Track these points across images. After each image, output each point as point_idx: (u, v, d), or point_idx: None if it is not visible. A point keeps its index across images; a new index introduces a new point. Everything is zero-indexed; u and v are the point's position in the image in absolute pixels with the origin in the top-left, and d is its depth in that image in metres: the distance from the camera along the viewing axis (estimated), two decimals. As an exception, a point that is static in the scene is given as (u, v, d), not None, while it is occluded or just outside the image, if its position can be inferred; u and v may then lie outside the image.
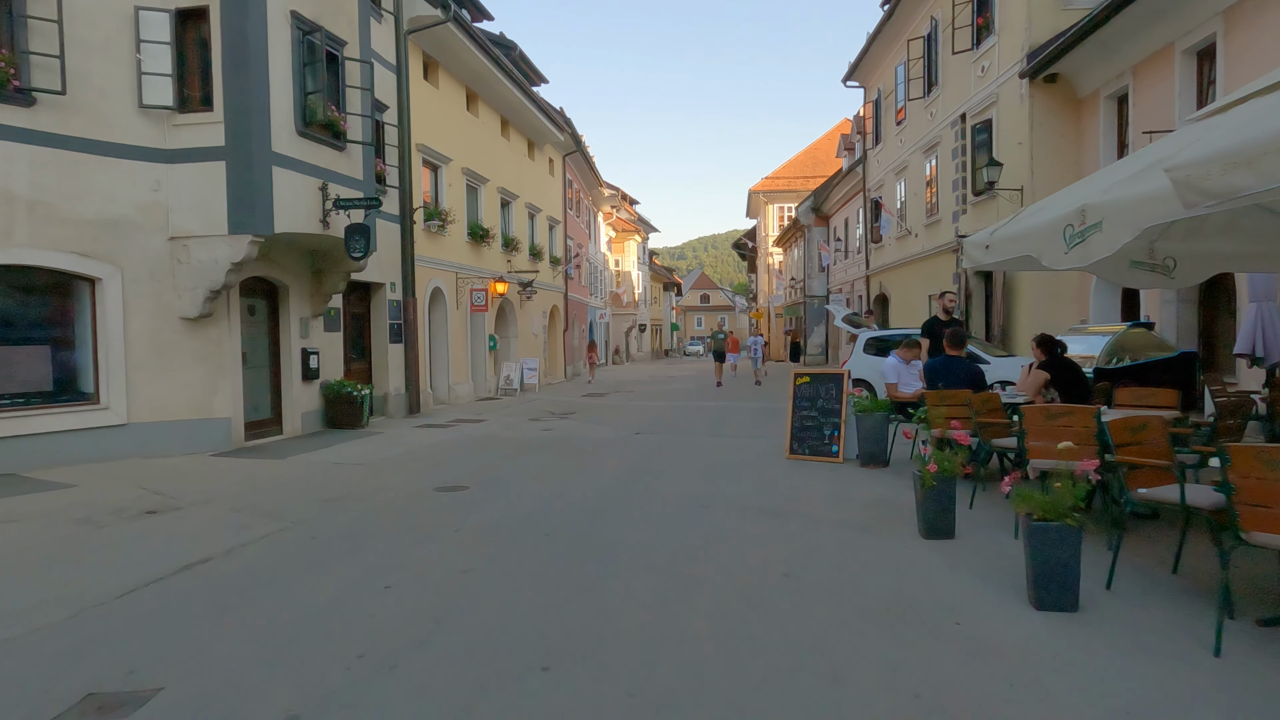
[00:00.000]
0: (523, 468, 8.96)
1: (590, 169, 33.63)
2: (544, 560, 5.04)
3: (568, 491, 7.45)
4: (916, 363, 8.37)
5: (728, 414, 14.98)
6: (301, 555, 5.36)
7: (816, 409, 8.80)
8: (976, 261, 6.94)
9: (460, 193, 18.43)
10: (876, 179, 25.46)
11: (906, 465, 8.34)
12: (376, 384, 14.80)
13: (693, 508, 6.57)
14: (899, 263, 22.97)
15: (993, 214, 15.74)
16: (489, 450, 10.52)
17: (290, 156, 10.01)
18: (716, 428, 12.75)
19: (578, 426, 13.25)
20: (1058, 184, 14.18)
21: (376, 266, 14.34)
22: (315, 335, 12.29)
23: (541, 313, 25.51)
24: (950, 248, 18.34)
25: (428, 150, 16.54)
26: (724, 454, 9.68)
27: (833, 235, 33.89)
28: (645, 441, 11.07)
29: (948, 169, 18.53)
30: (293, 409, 11.73)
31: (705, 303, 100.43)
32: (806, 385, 8.96)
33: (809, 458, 8.76)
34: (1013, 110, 14.99)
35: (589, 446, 10.66)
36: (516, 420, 14.42)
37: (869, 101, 26.17)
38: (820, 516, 6.12)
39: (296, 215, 10.17)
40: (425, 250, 16.42)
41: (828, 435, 8.67)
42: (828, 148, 47.66)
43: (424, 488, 7.85)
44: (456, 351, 18.09)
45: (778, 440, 10.53)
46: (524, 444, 11.06)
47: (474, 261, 19.16)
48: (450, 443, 11.26)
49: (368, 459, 9.76)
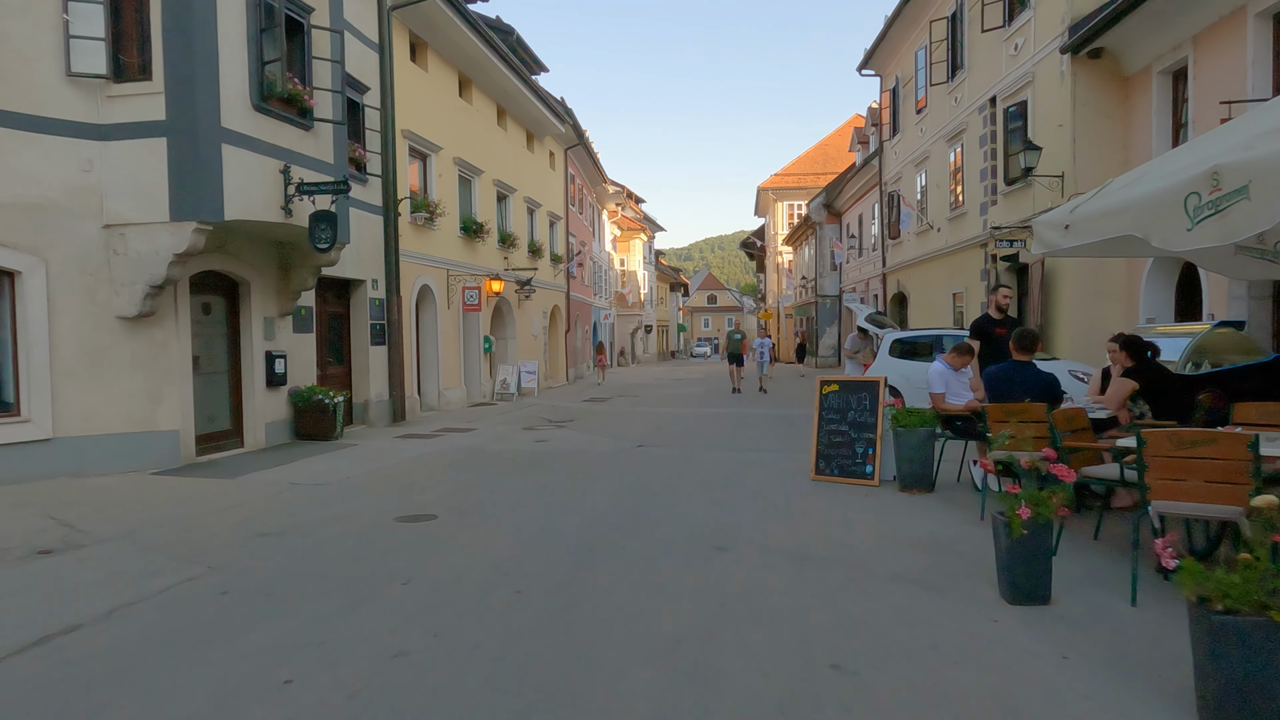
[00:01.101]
0: (505, 491, 7.72)
1: (594, 164, 32.42)
2: (506, 638, 3.79)
3: (553, 524, 6.21)
4: (967, 370, 7.09)
5: (739, 423, 13.71)
6: (196, 622, 4.13)
7: (847, 422, 7.54)
8: (1051, 246, 5.67)
9: (451, 184, 17.22)
10: (894, 171, 24.16)
11: (955, 490, 7.07)
12: (356, 390, 13.59)
13: (704, 550, 5.31)
14: (919, 259, 21.66)
15: (1028, 204, 14.44)
16: (471, 467, 9.29)
17: (244, 134, 8.80)
18: (728, 439, 11.48)
19: (575, 437, 12.01)
20: (1103, 169, 12.87)
21: (355, 261, 13.13)
22: (282, 337, 11.08)
23: (542, 313, 24.29)
24: (978, 242, 17.05)
25: (415, 137, 15.33)
26: (738, 473, 8.42)
27: (846, 232, 32.59)
28: (649, 456, 9.82)
29: (975, 158, 17.23)
30: (255, 419, 10.52)
31: (712, 303, 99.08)
32: (835, 395, 7.70)
33: (838, 479, 7.49)
34: (1051, 90, 13.69)
35: (585, 462, 9.41)
36: (509, 429, 13.19)
37: (886, 90, 24.88)
38: (866, 565, 4.85)
39: (252, 200, 8.96)
40: (412, 245, 15.21)
41: (860, 453, 7.40)
42: (838, 143, 46.35)
43: (385, 517, 6.62)
44: (447, 354, 16.88)
45: (799, 455, 9.27)
46: (512, 459, 9.82)
47: (467, 258, 17.95)
48: (430, 457, 10.03)
49: (331, 477, 8.53)
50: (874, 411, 7.38)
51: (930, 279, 20.86)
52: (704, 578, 4.66)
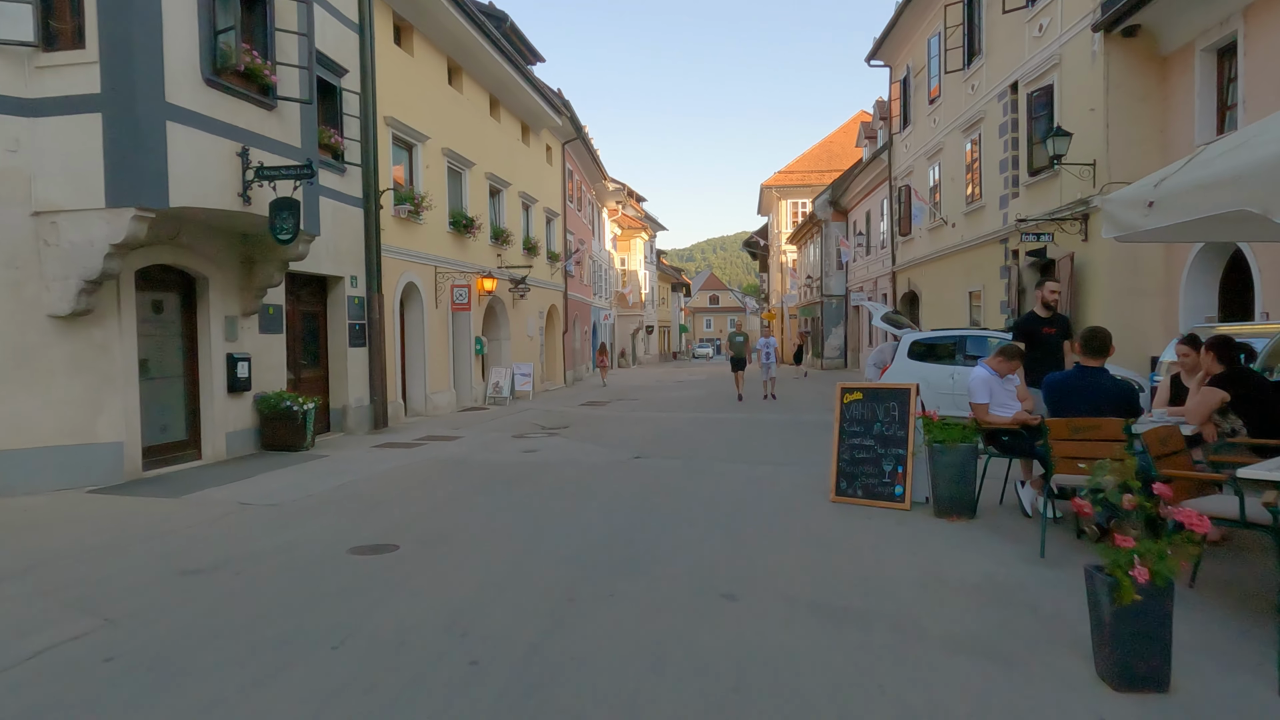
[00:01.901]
0: (482, 513, 6.76)
1: (593, 160, 31.48)
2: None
3: (530, 560, 5.25)
4: (1014, 377, 6.12)
5: (745, 430, 12.74)
6: (55, 704, 3.18)
7: (873, 436, 6.57)
8: (1128, 228, 4.70)
9: (440, 176, 16.27)
10: (904, 165, 23.19)
11: (1001, 516, 6.10)
12: (334, 395, 12.64)
13: (710, 598, 4.35)
14: (932, 257, 20.69)
15: (1054, 195, 13.48)
16: (449, 481, 8.33)
17: (192, 110, 7.86)
18: (734, 449, 10.51)
19: (567, 446, 11.05)
20: (1140, 156, 11.90)
21: (332, 256, 12.19)
22: (247, 338, 10.13)
23: (538, 313, 23.35)
24: (998, 237, 16.09)
25: (399, 125, 14.39)
26: (747, 491, 7.45)
27: (853, 230, 31.62)
28: (647, 470, 8.86)
29: (993, 148, 16.27)
30: (215, 428, 9.57)
31: (714, 304, 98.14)
32: (858, 404, 6.72)
33: (863, 501, 6.52)
34: (1081, 72, 12.72)
35: (575, 477, 8.44)
36: (498, 437, 12.24)
37: (895, 81, 23.91)
38: (913, 622, 3.89)
39: (203, 186, 8.02)
40: (396, 240, 14.26)
41: (889, 472, 6.43)
42: (843, 140, 45.39)
43: (337, 547, 5.67)
44: (435, 356, 15.93)
45: (814, 470, 8.31)
46: (495, 473, 8.87)
47: (457, 254, 17.00)
48: (406, 471, 9.08)
49: (289, 496, 7.58)
50: (904, 424, 6.41)
51: (944, 277, 19.89)
52: (712, 642, 3.70)
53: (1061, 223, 12.72)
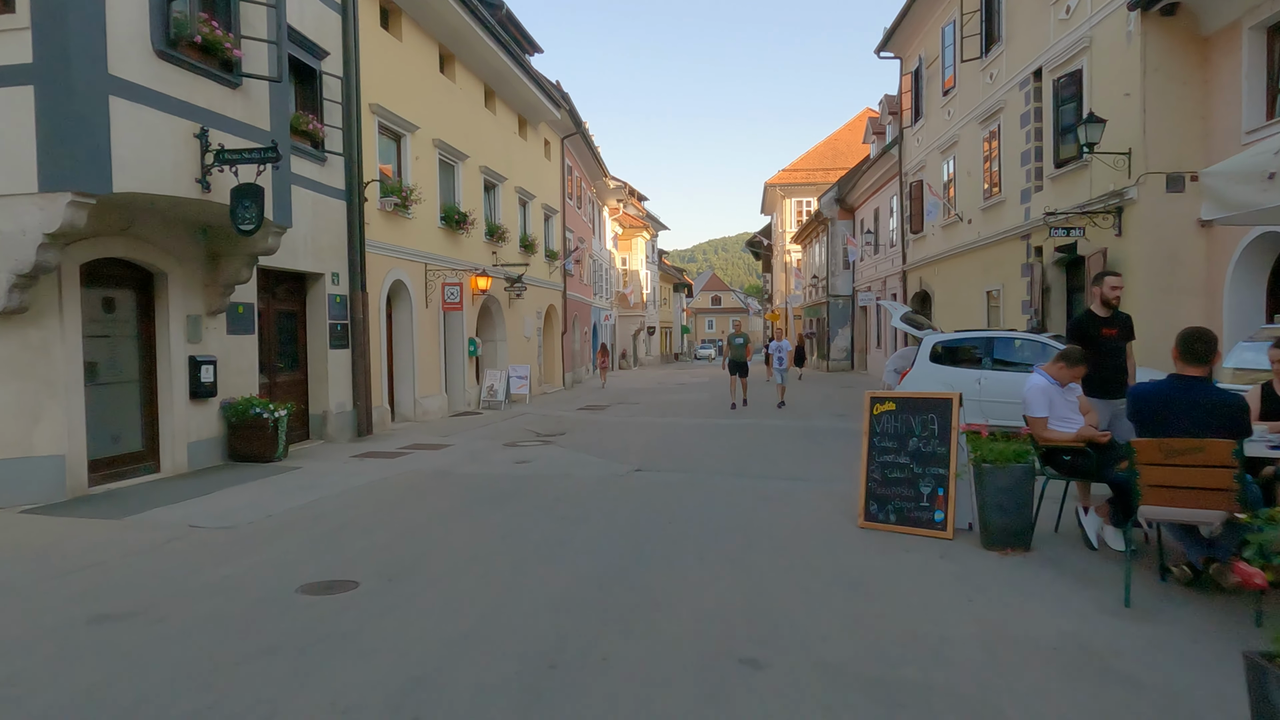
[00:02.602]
0: (458, 540, 5.92)
1: (593, 156, 30.63)
2: None
3: (509, 606, 4.41)
4: (1075, 386, 5.27)
5: (752, 438, 11.88)
6: None
7: (908, 453, 5.72)
8: (1240, 206, 3.86)
9: (430, 168, 15.44)
10: (916, 160, 22.34)
11: (1060, 547, 5.24)
12: (313, 400, 11.81)
13: (727, 666, 3.50)
14: (945, 254, 19.83)
15: (1083, 188, 12.63)
16: (429, 499, 7.49)
17: (141, 85, 7.03)
18: (742, 460, 9.67)
19: (562, 457, 10.20)
20: (1180, 143, 11.02)
21: (312, 252, 11.36)
22: (212, 339, 9.30)
23: (536, 313, 22.51)
24: (1019, 233, 15.24)
25: (386, 114, 13.56)
26: (761, 513, 6.60)
27: (860, 228, 30.77)
28: (647, 486, 8.00)
29: (1014, 139, 15.41)
30: (175, 438, 8.73)
31: (716, 304, 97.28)
32: (890, 416, 5.88)
33: (897, 528, 5.67)
34: (1114, 55, 11.86)
35: (568, 495, 7.60)
36: (488, 445, 11.40)
37: (907, 73, 23.04)
38: (989, 706, 3.04)
39: (154, 169, 7.19)
40: (382, 235, 13.44)
41: (927, 494, 5.58)
42: (849, 138, 44.58)
43: (286, 584, 4.84)
44: (425, 358, 15.10)
45: (833, 486, 7.47)
46: (481, 488, 8.03)
47: (449, 251, 16.16)
48: (383, 485, 8.24)
49: (247, 516, 6.75)
50: (945, 439, 5.56)
51: (959, 276, 19.02)
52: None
53: (1093, 216, 11.86)
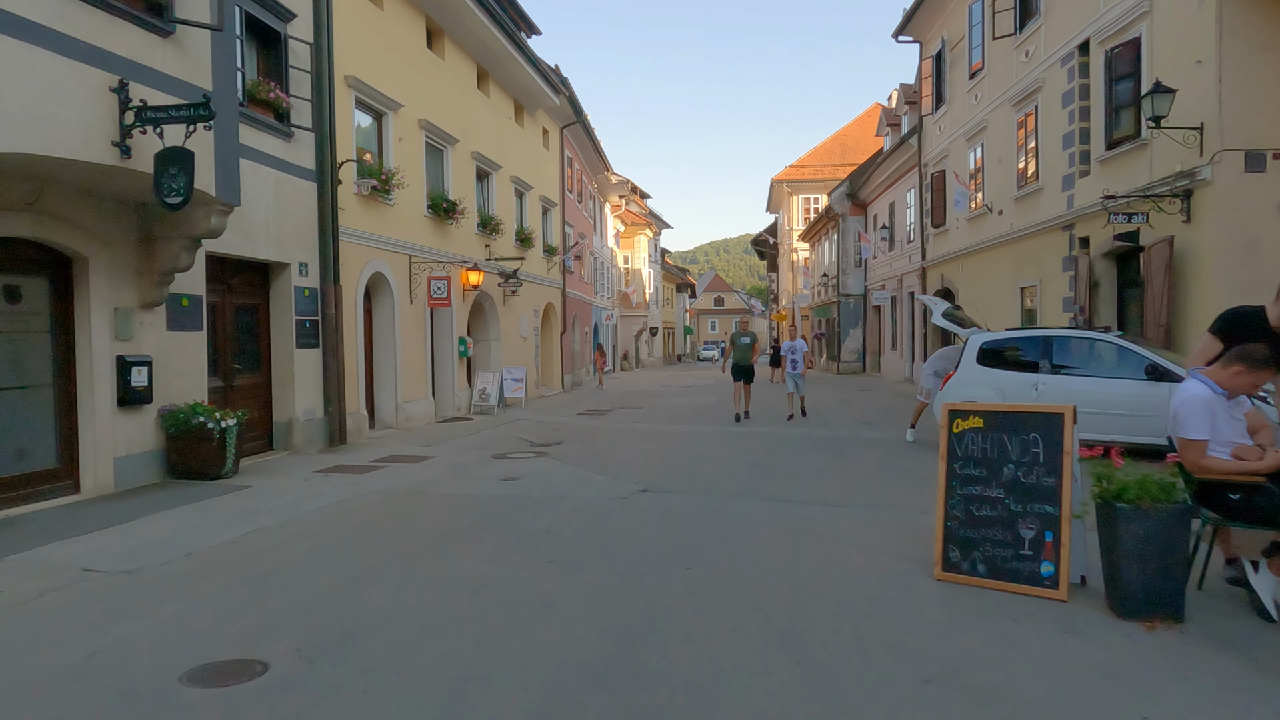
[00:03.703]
0: (415, 596, 4.57)
1: (595, 149, 29.29)
2: None
3: (464, 710, 3.07)
4: (1244, 400, 3.92)
5: (773, 449, 10.52)
6: None
7: (1003, 484, 4.38)
8: None
9: (416, 152, 14.12)
10: (938, 149, 20.99)
11: (1218, 615, 3.88)
12: (277, 406, 10.48)
13: None
14: (972, 249, 18.49)
15: (1142, 169, 11.29)
16: (391, 531, 6.16)
17: (40, 24, 5.72)
18: (766, 477, 8.32)
19: (556, 472, 8.86)
20: (1262, 115, 9.65)
21: (274, 238, 10.04)
22: (147, 336, 7.98)
23: (533, 311, 21.18)
24: (1060, 223, 13.91)
25: (365, 88, 12.23)
26: (803, 554, 5.26)
27: (874, 224, 29.42)
28: (656, 514, 6.66)
29: (1055, 121, 14.08)
30: (98, 453, 7.40)
31: (719, 305, 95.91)
32: (977, 436, 4.53)
33: (987, 583, 4.33)
34: (1182, 19, 10.51)
35: (560, 524, 6.26)
36: (475, 457, 10.07)
37: (927, 58, 21.70)
38: None
39: (57, 127, 5.87)
40: (360, 222, 12.12)
41: (1029, 540, 4.25)
42: (858, 133, 43.23)
43: (170, 669, 3.51)
44: (409, 359, 13.76)
45: (882, 512, 6.14)
46: (458, 515, 6.70)
47: (437, 243, 14.84)
48: (341, 512, 6.91)
49: (161, 555, 5.42)
50: (1054, 467, 4.22)
51: (987, 272, 17.67)
52: None
53: (1157, 200, 10.52)
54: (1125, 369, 8.72)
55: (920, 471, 8.39)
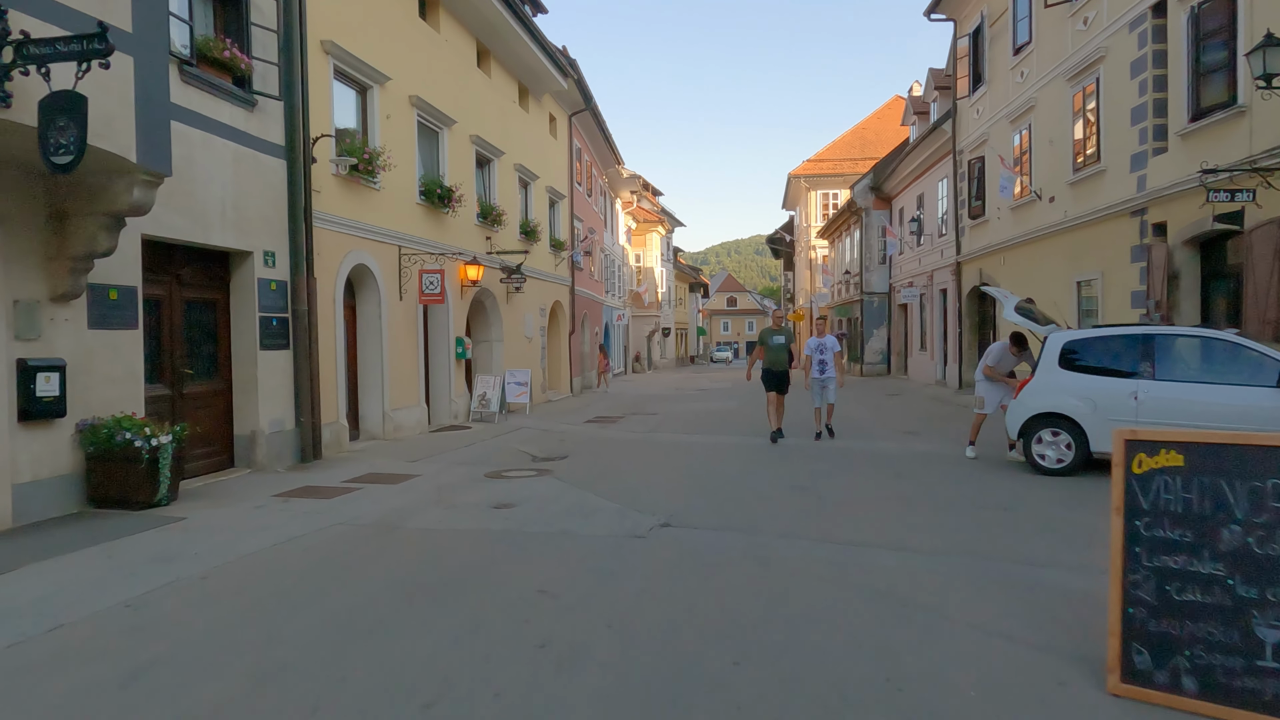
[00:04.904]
0: (342, 709, 3.12)
1: (605, 141, 27.80)
2: None
3: None
4: None
5: (815, 467, 9.00)
6: None
7: (1221, 554, 2.88)
8: None
9: (406, 132, 12.71)
10: (975, 135, 19.39)
11: None
12: (239, 417, 9.08)
13: None
14: (1015, 241, 16.89)
15: (1239, 141, 9.73)
16: (335, 594, 4.69)
17: None
18: (812, 508, 6.80)
19: (559, 498, 7.38)
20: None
21: (233, 222, 8.64)
22: (61, 335, 6.58)
23: (539, 310, 19.73)
24: (1129, 208, 12.34)
25: (346, 57, 10.83)
26: (891, 641, 3.76)
27: (900, 218, 27.83)
28: (683, 565, 5.17)
29: (1121, 93, 12.50)
30: (-8, 478, 6.01)
31: (732, 306, 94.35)
32: (1175, 479, 3.02)
33: (1199, 704, 2.83)
34: (1293, -39, 8.96)
35: (558, 584, 4.77)
36: (465, 476, 8.64)
37: (963, 36, 20.12)
38: None
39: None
40: (340, 207, 10.71)
41: (1272, 644, 2.74)
42: (878, 126, 41.68)
43: None
44: (399, 362, 12.34)
45: (986, 564, 4.64)
46: (429, 563, 5.24)
47: (430, 233, 13.42)
48: (283, 558, 5.46)
49: (15, 630, 4.00)
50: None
51: (1035, 266, 16.07)
52: None
53: (1266, 175, 8.95)
54: (1248, 375, 7.18)
55: (1008, 501, 6.87)
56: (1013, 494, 7.16)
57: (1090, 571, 4.56)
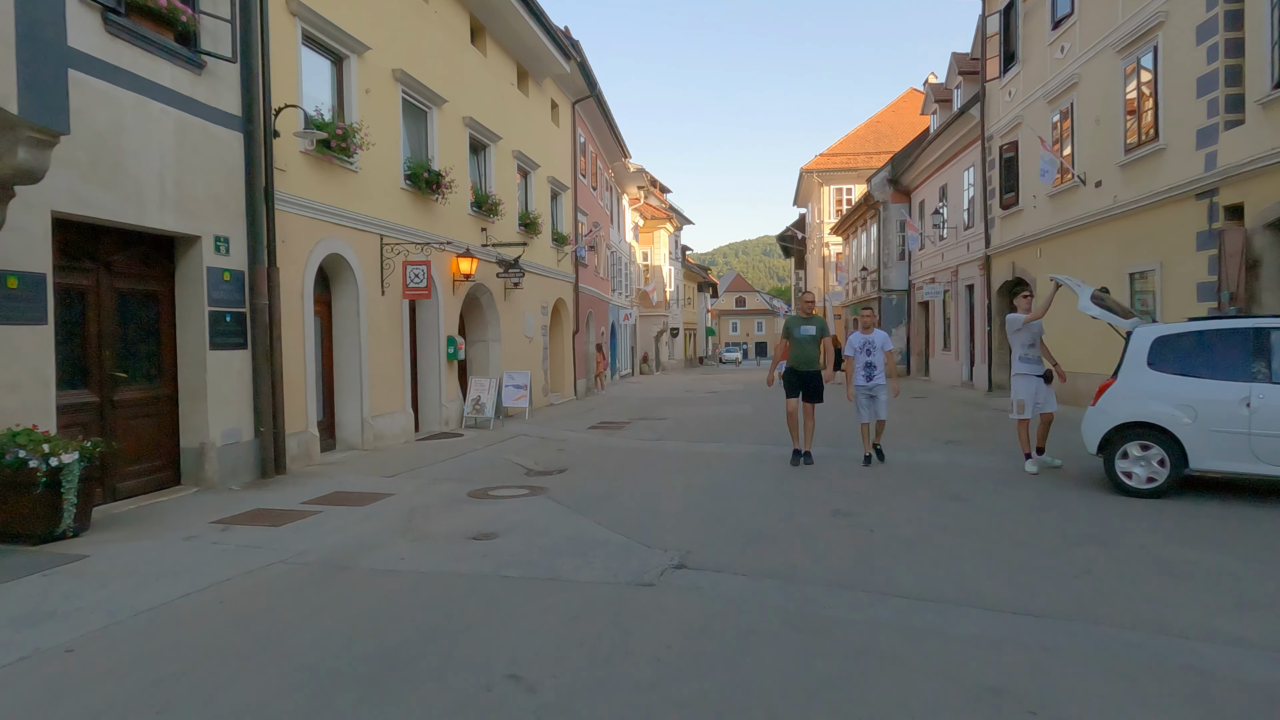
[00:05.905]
0: None
1: (611, 132, 26.52)
2: None
3: None
4: None
5: (852, 487, 7.72)
6: None
7: None
8: None
9: (390, 109, 11.48)
10: (1007, 119, 18.05)
11: None
12: (186, 426, 7.87)
13: None
14: (1055, 231, 15.54)
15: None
16: (237, 679, 3.44)
17: None
18: (864, 545, 5.52)
19: (551, 527, 6.12)
20: None
21: (174, 200, 7.42)
22: (-62, 331, 5.37)
23: (540, 308, 18.49)
24: (1195, 189, 11.04)
25: (316, 20, 9.62)
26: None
27: (921, 211, 26.47)
28: (706, 634, 3.89)
29: (1185, 62, 11.18)
30: None
31: (741, 306, 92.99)
32: None
33: None
34: None
35: (537, 662, 3.50)
36: (446, 495, 7.39)
37: (993, 13, 18.78)
38: None
39: None
40: (309, 189, 9.50)
41: None
42: (893, 119, 40.30)
43: None
44: (381, 363, 11.12)
45: (1111, 635, 3.33)
46: (368, 636, 3.98)
47: (417, 221, 12.20)
48: (187, 621, 4.24)
49: None
50: None
51: (1078, 257, 14.72)
52: None
53: (1382, 142, 7.64)
54: (1393, 377, 5.87)
55: (1101, 533, 5.58)
56: (1103, 524, 5.87)
57: (1263, 650, 3.29)
